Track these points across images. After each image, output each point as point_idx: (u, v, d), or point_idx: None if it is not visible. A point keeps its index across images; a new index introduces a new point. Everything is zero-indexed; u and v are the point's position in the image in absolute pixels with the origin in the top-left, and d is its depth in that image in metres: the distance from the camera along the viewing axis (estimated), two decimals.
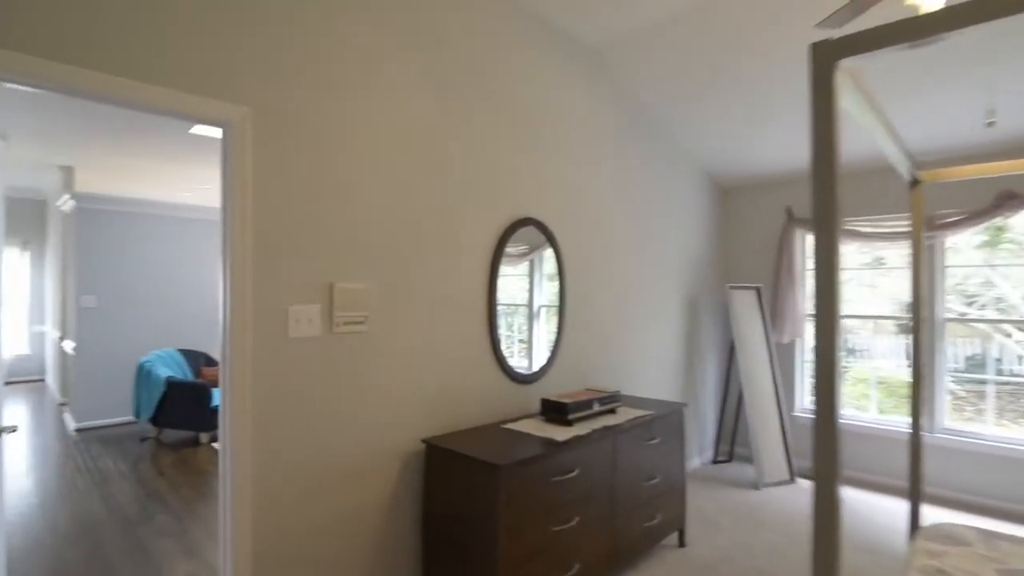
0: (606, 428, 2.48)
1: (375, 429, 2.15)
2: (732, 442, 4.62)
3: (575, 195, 3.16)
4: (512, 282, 2.76)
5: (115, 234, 5.75)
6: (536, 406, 2.88)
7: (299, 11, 1.93)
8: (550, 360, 2.97)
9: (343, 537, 2.06)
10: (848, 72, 1.15)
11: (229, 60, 1.76)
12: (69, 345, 5.83)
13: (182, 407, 4.96)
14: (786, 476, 4.16)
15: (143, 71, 1.59)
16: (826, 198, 1.05)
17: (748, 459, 4.55)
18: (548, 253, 2.96)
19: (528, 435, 2.33)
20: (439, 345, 2.39)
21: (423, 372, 2.33)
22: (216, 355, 6.49)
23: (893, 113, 3.27)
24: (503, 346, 2.68)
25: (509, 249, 2.70)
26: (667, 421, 2.89)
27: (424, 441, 2.24)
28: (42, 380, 8.20)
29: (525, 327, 2.86)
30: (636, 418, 2.68)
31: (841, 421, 0.94)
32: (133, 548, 2.97)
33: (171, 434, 5.29)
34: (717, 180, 4.76)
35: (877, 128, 1.48)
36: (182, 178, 6.77)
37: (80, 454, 4.69)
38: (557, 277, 3.02)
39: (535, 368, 2.88)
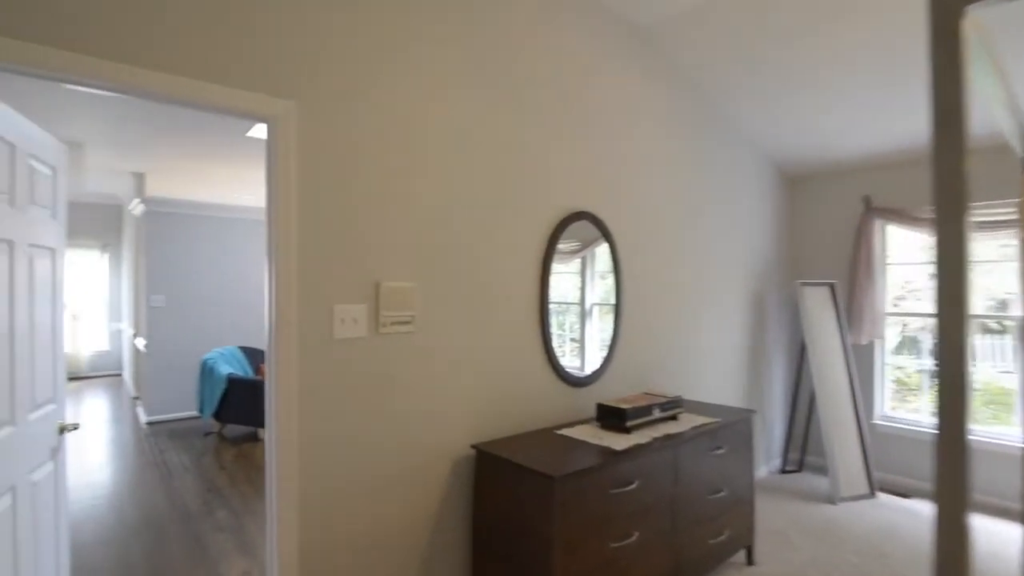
0: (667, 436, 2.30)
1: (423, 433, 2.07)
2: (802, 450, 4.29)
3: (630, 186, 2.98)
4: (564, 279, 2.62)
5: (181, 236, 6.00)
6: (591, 411, 2.72)
7: (344, 3, 1.86)
8: (605, 362, 2.81)
9: (389, 544, 1.98)
10: (970, 24, 0.94)
11: (272, 53, 1.71)
12: (141, 342, 6.14)
13: (242, 403, 5.11)
14: (865, 490, 3.81)
15: (187, 66, 1.55)
16: (952, 176, 0.85)
17: (821, 470, 4.21)
18: (601, 249, 2.80)
19: (583, 443, 2.18)
20: (488, 346, 2.29)
21: (472, 374, 2.23)
22: None
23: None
24: (555, 347, 2.54)
25: (561, 246, 2.56)
26: (734, 429, 2.67)
27: (474, 447, 2.14)
28: (119, 375, 8.73)
29: (577, 326, 2.71)
30: (700, 426, 2.48)
31: (971, 439, 0.76)
32: (192, 543, 3.04)
33: (232, 429, 5.47)
34: (783, 168, 4.44)
35: (996, 95, 1.25)
36: (242, 181, 7.01)
37: (149, 447, 4.90)
38: (612, 274, 2.86)
39: (588, 370, 2.73)
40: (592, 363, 2.75)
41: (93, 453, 4.72)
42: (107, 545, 3.00)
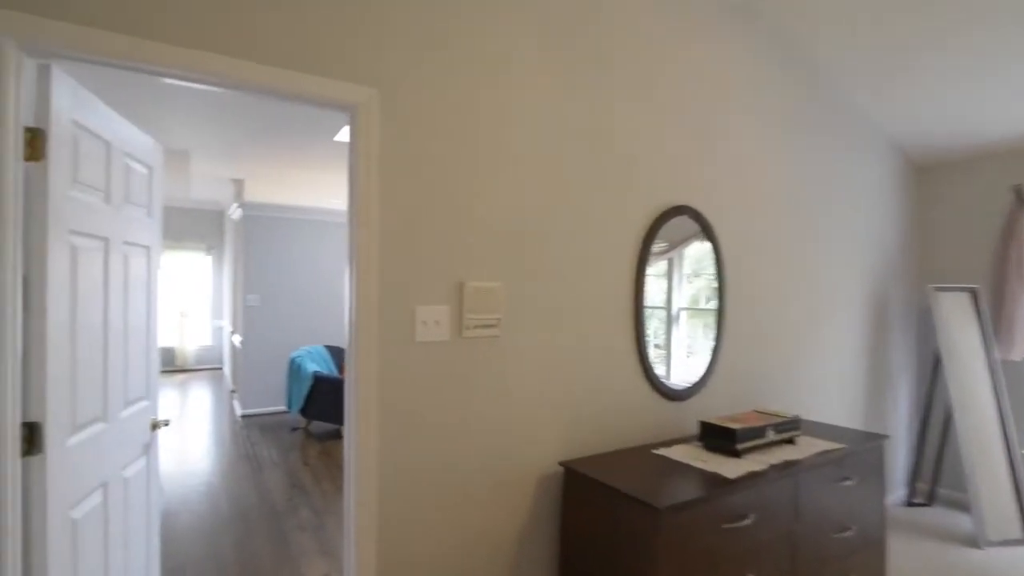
0: (787, 464, 1.98)
1: (506, 446, 1.90)
2: (934, 481, 3.72)
3: (733, 178, 2.66)
4: (649, 282, 2.36)
5: (275, 239, 6.27)
6: (689, 428, 2.44)
7: None
8: (706, 373, 2.51)
9: (470, 563, 1.83)
10: None
11: (353, 38, 1.61)
12: (237, 339, 6.48)
13: (327, 401, 5.22)
14: (1019, 534, 3.21)
15: (263, 52, 1.48)
16: None
17: (957, 504, 3.62)
18: (692, 249, 2.50)
19: (687, 466, 1.92)
20: (578, 353, 2.08)
21: (560, 383, 2.03)
22: None
23: None
24: (651, 356, 2.29)
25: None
26: (863, 457, 2.29)
27: (562, 464, 1.94)
28: (220, 369, 9.35)
29: (662, 332, 2.44)
30: (824, 452, 2.13)
31: None
32: (277, 540, 3.06)
33: (318, 425, 5.61)
34: (910, 154, 3.88)
35: None
36: (331, 185, 7.27)
37: (243, 440, 5.12)
38: (715, 275, 2.56)
39: (675, 380, 2.44)
40: (680, 373, 2.46)
41: (193, 443, 5.00)
42: (199, 536, 3.09)
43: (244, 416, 6.00)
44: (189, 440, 5.08)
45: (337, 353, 6.07)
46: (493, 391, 1.86)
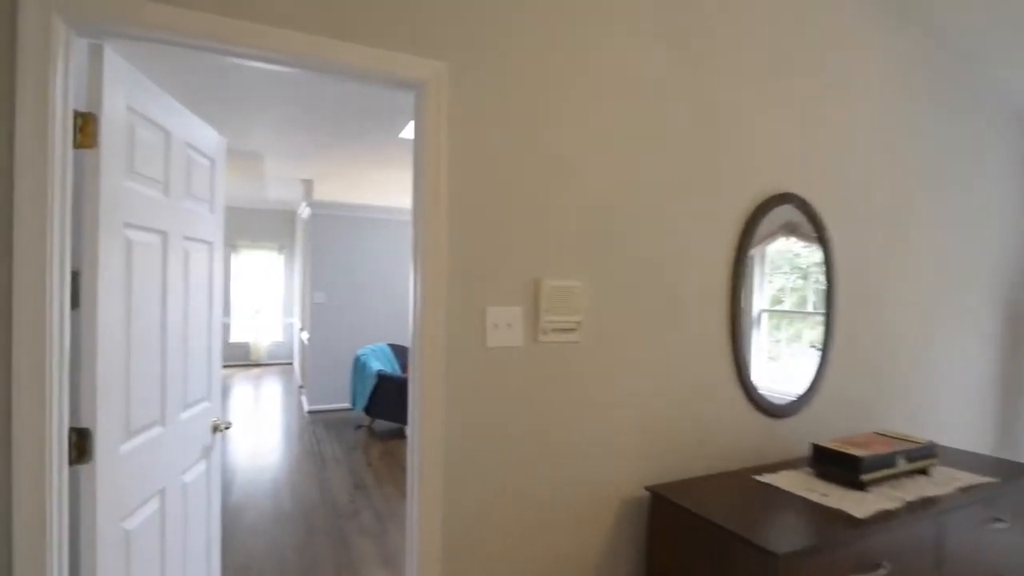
0: (925, 501, 1.64)
1: (585, 465, 1.68)
2: None
3: (844, 163, 2.30)
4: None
5: (342, 237, 6.33)
6: (793, 449, 2.12)
7: None
8: (812, 386, 2.18)
9: None
10: None
11: (419, 5, 1.44)
12: (305, 336, 6.61)
13: (390, 400, 5.19)
14: None
15: (320, 23, 1.33)
16: None
17: None
18: (785, 244, 2.17)
19: (800, 499, 1.62)
20: (666, 361, 1.83)
21: (646, 395, 1.79)
22: None
23: None
24: (750, 365, 2.00)
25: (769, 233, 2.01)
26: (1018, 496, 1.89)
27: (649, 489, 1.70)
28: (291, 364, 9.66)
29: (794, 338, 2.12)
30: (970, 487, 1.77)
31: None
32: (338, 544, 2.99)
33: (381, 424, 5.60)
34: None
35: None
36: (396, 183, 7.30)
37: (308, 436, 5.17)
38: (824, 274, 2.22)
39: (769, 392, 2.12)
40: (775, 385, 2.14)
41: (263, 437, 5.09)
42: (262, 535, 3.07)
43: (311, 412, 6.09)
44: (260, 434, 5.18)
45: (400, 352, 6.04)
46: (571, 403, 1.64)
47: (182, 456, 1.69)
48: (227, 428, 1.95)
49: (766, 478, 1.80)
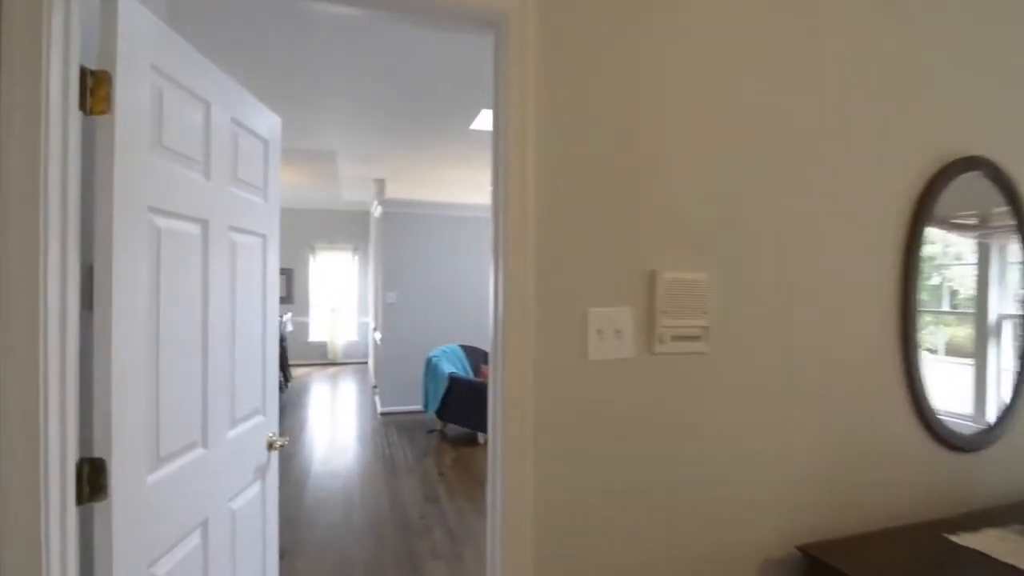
0: None
1: (711, 514, 1.29)
2: None
3: None
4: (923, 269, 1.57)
5: (414, 236, 6.20)
6: (990, 493, 1.61)
7: None
8: (1009, 410, 1.66)
9: None
10: None
11: None
12: (378, 336, 6.54)
13: (462, 404, 4.95)
14: None
15: None
16: None
17: None
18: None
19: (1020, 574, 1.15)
20: (815, 377, 1.39)
21: (792, 423, 1.37)
22: None
23: None
24: (926, 382, 1.52)
25: (950, 215, 1.52)
26: None
27: (801, 549, 1.28)
28: (365, 363, 9.76)
29: (969, 348, 1.62)
30: None
31: None
32: (408, 566, 2.74)
33: (453, 428, 5.38)
34: None
35: None
36: (467, 181, 7.11)
37: (380, 439, 5.04)
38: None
39: (973, 422, 1.62)
40: (973, 410, 1.63)
41: (337, 439, 5.02)
42: (331, 551, 2.88)
43: (384, 414, 5.99)
44: (333, 436, 5.12)
45: (472, 353, 5.81)
46: (695, 432, 1.26)
47: (230, 480, 1.46)
48: (283, 445, 1.72)
49: (963, 539, 1.33)
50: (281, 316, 7.59)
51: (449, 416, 5.10)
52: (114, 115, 1.01)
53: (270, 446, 1.69)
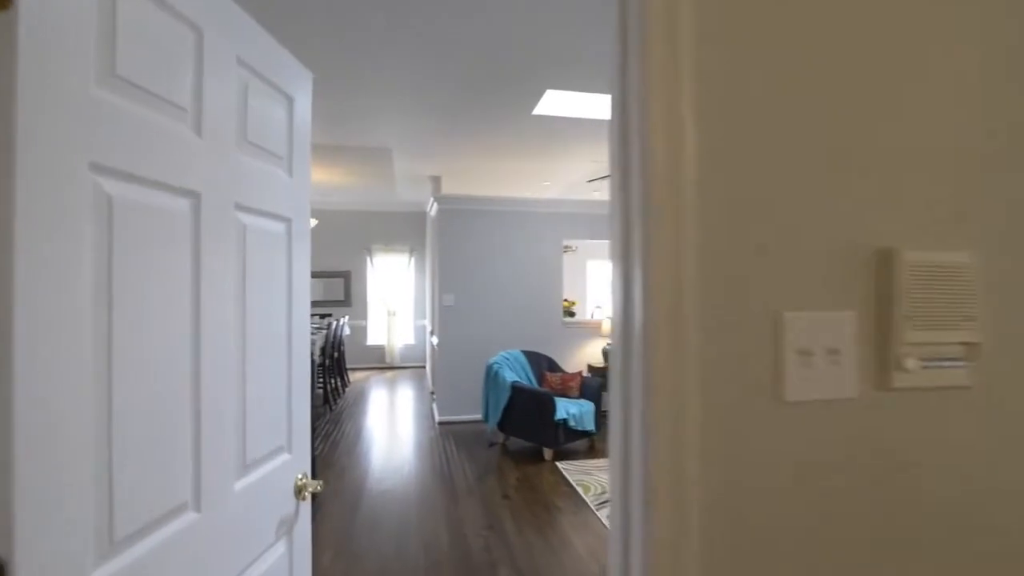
0: None
1: None
2: None
3: None
4: None
5: (472, 233, 5.83)
6: None
7: None
8: None
9: None
10: None
11: None
12: (435, 340, 6.22)
13: (525, 416, 4.52)
14: None
15: None
16: None
17: None
18: None
19: None
20: None
21: None
22: (561, 361, 6.30)
23: None
24: None
25: None
26: None
27: None
28: (423, 367, 9.53)
29: None
30: None
31: None
32: None
33: (515, 442, 4.96)
34: None
35: None
36: (527, 173, 6.70)
37: (438, 452, 4.68)
38: None
39: None
40: None
41: (392, 451, 4.71)
42: None
43: (442, 423, 5.65)
44: (390, 448, 4.81)
45: (536, 359, 5.36)
46: (958, 518, 0.75)
47: (240, 547, 1.08)
48: (318, 491, 1.34)
49: None
50: (338, 320, 7.44)
51: (511, 429, 4.68)
52: (17, 9, 0.64)
53: (299, 492, 1.31)
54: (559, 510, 3.43)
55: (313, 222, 7.10)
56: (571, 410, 4.50)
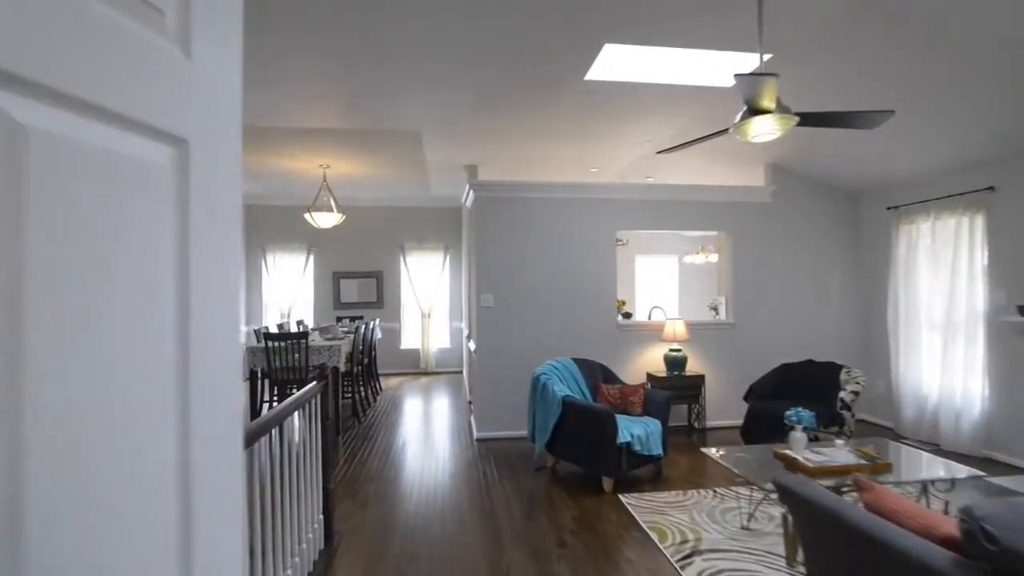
0: None
1: None
2: None
3: None
4: None
5: (512, 224, 5.15)
6: None
7: None
8: None
9: None
10: None
11: None
12: (472, 345, 5.58)
13: (580, 437, 3.81)
14: None
15: None
16: None
17: None
18: None
19: None
20: None
21: None
22: (617, 370, 5.00)
23: None
24: None
25: None
26: None
27: None
28: (460, 372, 8.92)
29: None
30: None
31: None
32: None
33: (567, 466, 4.25)
34: None
35: None
36: (570, 158, 5.99)
37: (477, 478, 4.03)
38: None
39: None
40: None
41: (426, 473, 4.08)
42: None
43: (480, 440, 5.00)
44: (423, 472, 4.19)
45: (589, 369, 4.62)
46: None
47: None
48: None
49: None
50: (368, 323, 6.90)
51: (562, 451, 3.98)
52: None
53: None
54: (630, 564, 2.72)
55: (340, 218, 6.57)
56: (635, 431, 3.76)
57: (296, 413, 2.56)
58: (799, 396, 4.54)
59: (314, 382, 2.93)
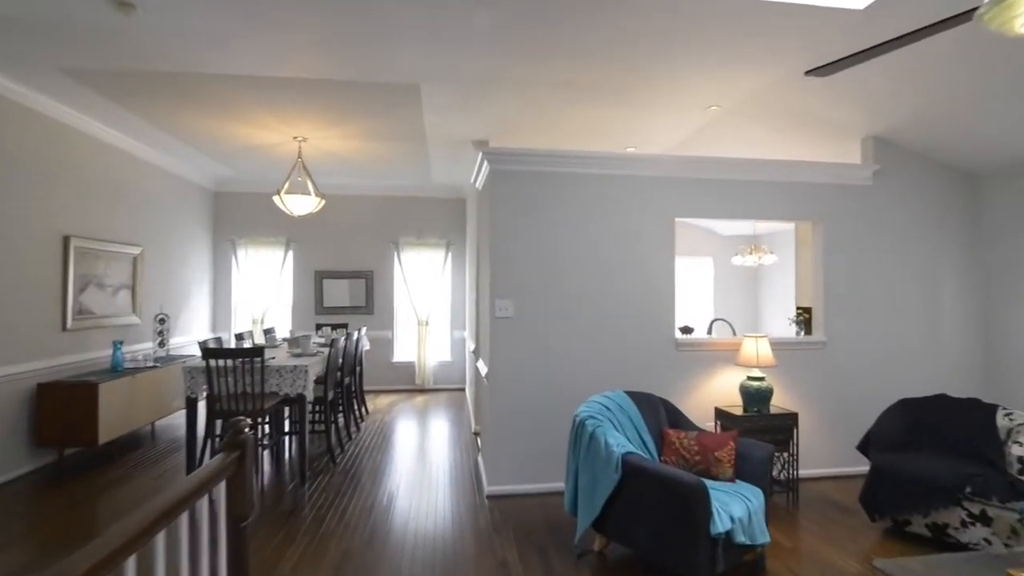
0: None
1: None
2: None
3: None
4: None
5: (537, 207, 3.87)
6: None
7: None
8: None
9: None
10: None
11: None
12: (482, 368, 4.30)
13: (648, 516, 2.54)
14: None
15: None
16: None
17: None
18: None
19: None
20: None
21: None
22: (678, 403, 3.42)
23: None
24: None
25: None
26: None
27: None
28: (462, 390, 7.64)
29: None
30: None
31: None
32: None
33: (617, 549, 2.97)
34: None
35: None
36: (599, 135, 4.73)
37: (493, 566, 2.74)
38: None
39: None
40: None
41: (418, 550, 2.80)
42: None
43: (492, 497, 3.71)
44: (416, 546, 2.90)
45: (649, 407, 3.31)
46: None
47: None
48: None
49: None
50: (352, 333, 5.62)
51: (618, 534, 2.70)
52: None
53: None
54: None
55: (319, 204, 5.31)
56: (735, 511, 2.48)
57: (160, 535, 1.28)
58: (941, 449, 3.27)
59: (220, 454, 1.66)
